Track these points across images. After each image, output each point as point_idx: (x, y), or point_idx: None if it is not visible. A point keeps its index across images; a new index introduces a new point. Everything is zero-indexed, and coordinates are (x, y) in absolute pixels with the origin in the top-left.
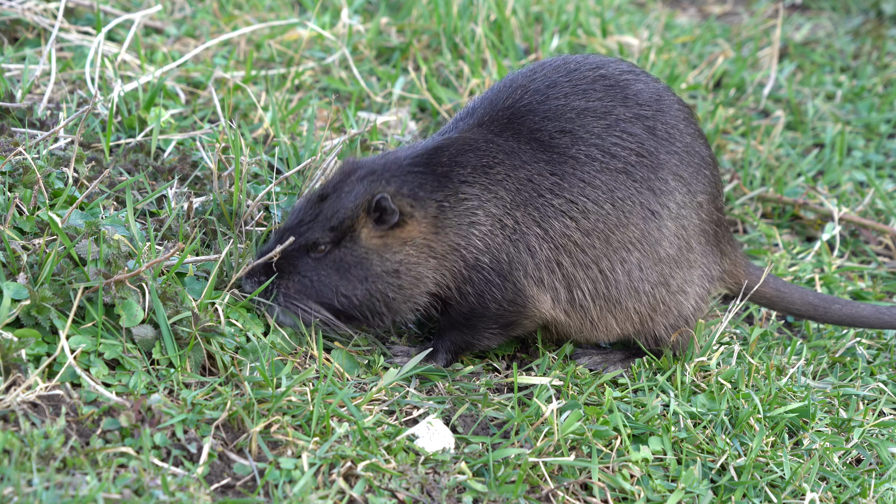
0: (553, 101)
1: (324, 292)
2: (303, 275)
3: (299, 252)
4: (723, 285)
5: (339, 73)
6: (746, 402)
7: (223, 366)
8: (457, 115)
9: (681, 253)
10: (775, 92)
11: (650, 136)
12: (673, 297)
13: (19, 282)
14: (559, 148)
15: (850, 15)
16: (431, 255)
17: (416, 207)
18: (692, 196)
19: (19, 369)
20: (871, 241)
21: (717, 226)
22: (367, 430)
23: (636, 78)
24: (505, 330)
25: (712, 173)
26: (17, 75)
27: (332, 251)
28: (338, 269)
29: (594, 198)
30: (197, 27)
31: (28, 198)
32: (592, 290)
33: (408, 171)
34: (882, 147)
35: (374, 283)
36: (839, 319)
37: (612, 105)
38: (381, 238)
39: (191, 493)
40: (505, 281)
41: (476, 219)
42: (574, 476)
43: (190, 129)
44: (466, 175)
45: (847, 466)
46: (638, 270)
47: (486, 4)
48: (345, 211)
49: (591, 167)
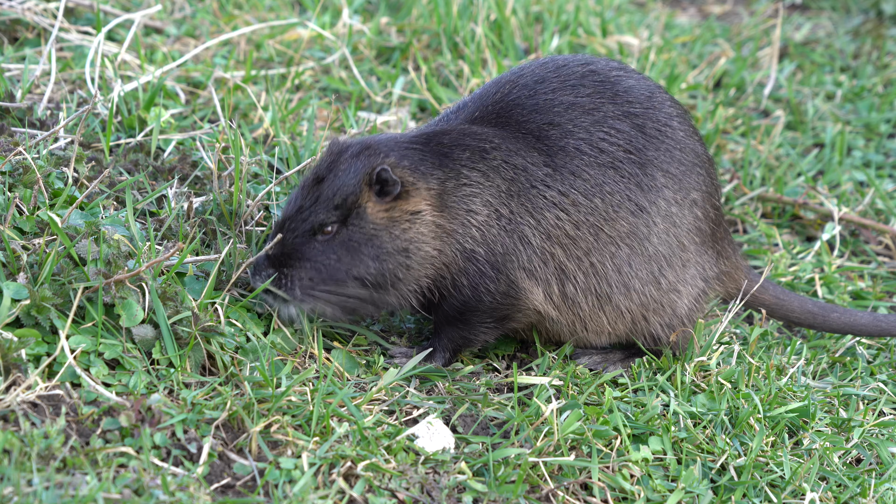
0: (541, 96)
1: (337, 276)
2: (313, 261)
3: (305, 238)
4: (721, 287)
5: (339, 72)
6: (746, 401)
7: (223, 366)
8: (445, 111)
9: (672, 251)
10: (775, 92)
11: (639, 133)
12: (665, 296)
13: (19, 282)
14: (549, 140)
15: (850, 15)
16: (440, 232)
17: (419, 178)
18: (684, 193)
19: (19, 369)
20: (871, 241)
21: (714, 225)
22: (367, 430)
23: (626, 75)
24: (500, 323)
25: (708, 172)
26: (17, 75)
27: (339, 231)
28: (348, 249)
29: (584, 190)
30: (197, 27)
31: (28, 198)
32: (584, 284)
33: (406, 147)
34: (882, 147)
35: (386, 260)
36: (838, 327)
37: (601, 101)
38: (388, 212)
39: (191, 493)
40: (499, 273)
41: (474, 206)
42: (574, 476)
43: (190, 128)
44: (465, 159)
45: (847, 466)
46: (627, 266)
47: (486, 4)
48: (347, 187)
49: (580, 160)
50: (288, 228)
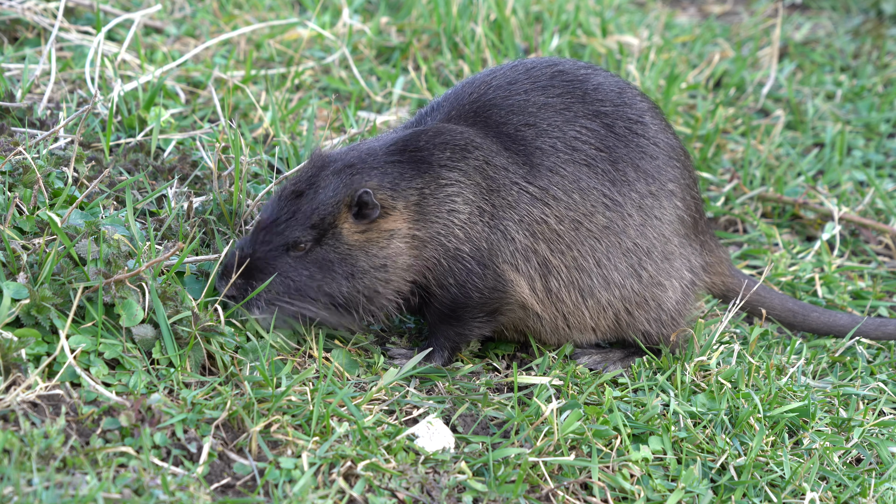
0: (515, 97)
1: (306, 291)
2: (283, 275)
3: (277, 251)
4: (708, 278)
5: (339, 72)
6: (746, 401)
7: (223, 365)
8: (419, 112)
9: (652, 244)
10: (775, 91)
11: (608, 131)
12: (647, 290)
13: (19, 281)
14: (525, 139)
15: (850, 14)
16: (416, 243)
17: (398, 198)
18: (659, 185)
19: (19, 369)
20: (871, 241)
21: (697, 214)
22: (367, 430)
23: (594, 73)
24: (492, 316)
25: (683, 164)
26: (17, 75)
27: (313, 249)
28: (321, 267)
29: (563, 186)
30: (197, 27)
31: (28, 197)
32: (567, 277)
33: (385, 162)
34: (882, 146)
35: (361, 278)
36: (817, 327)
37: (571, 101)
38: (364, 233)
39: (191, 493)
40: (485, 269)
41: (455, 206)
42: (574, 476)
43: (190, 128)
44: (446, 159)
45: (847, 466)
46: (606, 259)
47: (486, 4)
48: (325, 207)
49: (557, 158)
50: (262, 240)
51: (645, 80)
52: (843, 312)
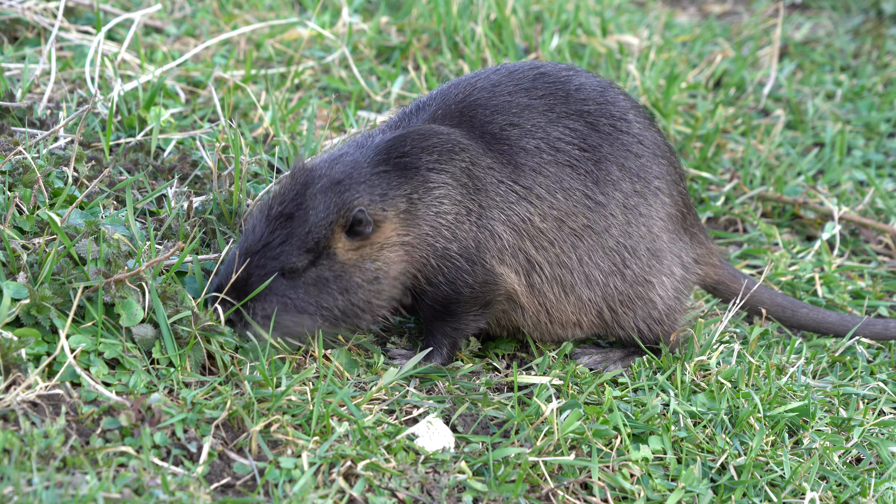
0: (500, 98)
1: (304, 308)
2: (280, 295)
3: (272, 274)
4: (700, 269)
5: (339, 72)
6: (746, 401)
7: (223, 365)
8: (402, 111)
9: (637, 243)
10: (775, 91)
11: (592, 131)
12: (632, 288)
13: (19, 281)
14: (510, 139)
15: (850, 14)
16: (406, 248)
17: (388, 209)
18: (645, 183)
19: (19, 369)
20: (871, 241)
21: (685, 208)
22: (367, 430)
23: (576, 74)
24: (485, 309)
25: (669, 160)
26: (17, 75)
27: (307, 269)
28: (316, 285)
29: (546, 186)
30: (197, 26)
31: (28, 197)
32: (549, 273)
33: (372, 174)
34: (882, 146)
35: (356, 292)
36: (805, 323)
37: (554, 102)
38: (357, 250)
39: (191, 493)
40: (474, 265)
41: (443, 207)
42: (574, 475)
43: (190, 128)
44: (433, 162)
45: (847, 465)
46: (588, 258)
47: (486, 4)
48: (318, 230)
49: (540, 158)
50: (257, 264)
51: (645, 80)
52: (832, 311)
